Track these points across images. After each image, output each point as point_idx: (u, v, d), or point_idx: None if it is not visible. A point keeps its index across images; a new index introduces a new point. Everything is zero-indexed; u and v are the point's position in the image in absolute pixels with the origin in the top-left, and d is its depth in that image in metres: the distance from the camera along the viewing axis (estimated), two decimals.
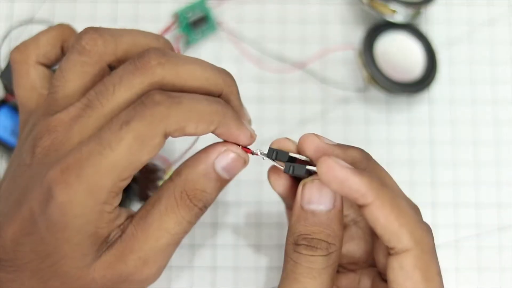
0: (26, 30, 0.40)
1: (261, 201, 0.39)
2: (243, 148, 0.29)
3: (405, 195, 0.29)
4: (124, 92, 0.27)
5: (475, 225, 0.39)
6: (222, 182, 0.29)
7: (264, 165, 0.31)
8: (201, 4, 0.41)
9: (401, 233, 0.26)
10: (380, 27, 0.40)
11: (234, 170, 0.29)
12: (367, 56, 0.39)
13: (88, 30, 0.28)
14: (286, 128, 0.40)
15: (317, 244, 0.27)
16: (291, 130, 0.40)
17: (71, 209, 0.26)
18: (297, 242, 0.27)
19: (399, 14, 0.39)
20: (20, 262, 0.27)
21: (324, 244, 0.27)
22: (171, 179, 0.29)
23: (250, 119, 0.31)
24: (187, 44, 0.41)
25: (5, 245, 0.27)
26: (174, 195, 0.28)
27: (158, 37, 0.30)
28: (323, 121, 0.40)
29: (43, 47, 0.31)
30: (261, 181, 0.39)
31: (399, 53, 0.40)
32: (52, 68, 0.32)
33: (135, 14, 0.42)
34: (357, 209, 0.31)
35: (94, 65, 0.28)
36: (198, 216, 0.29)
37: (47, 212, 0.26)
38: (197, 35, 0.41)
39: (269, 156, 0.29)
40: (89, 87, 0.28)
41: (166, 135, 0.26)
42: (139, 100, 0.26)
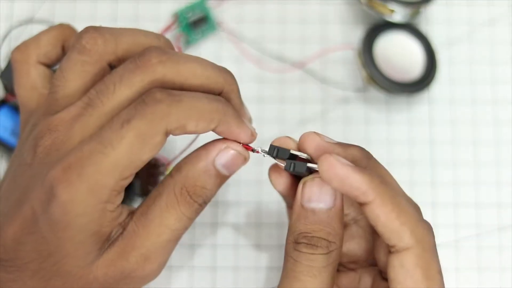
0: (26, 30, 0.40)
1: (261, 201, 0.39)
2: (243, 146, 0.29)
3: (405, 193, 0.29)
4: (124, 91, 0.27)
5: (475, 225, 0.39)
6: (222, 179, 0.29)
7: (264, 164, 0.31)
8: (201, 4, 0.41)
9: (402, 231, 0.26)
10: (380, 27, 0.40)
11: (234, 167, 0.29)
12: (366, 56, 0.39)
13: (88, 29, 0.28)
14: (286, 128, 0.40)
15: (317, 242, 0.27)
16: (291, 130, 0.40)
17: (73, 208, 0.26)
18: (297, 241, 0.27)
19: (397, 13, 0.39)
20: (21, 262, 0.27)
21: (324, 242, 0.27)
22: (171, 175, 0.29)
23: (250, 118, 0.31)
24: (187, 44, 0.41)
25: (6, 244, 0.27)
26: (174, 191, 0.28)
27: (159, 36, 0.30)
28: (323, 121, 0.40)
29: (44, 46, 0.31)
30: (261, 181, 0.39)
31: (399, 53, 0.40)
32: (53, 68, 0.32)
33: (135, 14, 0.42)
34: (357, 208, 0.31)
35: (95, 64, 0.28)
36: (198, 212, 0.29)
37: (49, 211, 0.26)
38: (197, 35, 0.41)
39: (270, 154, 0.29)
40: (90, 87, 0.28)
41: (167, 133, 0.26)
42: (140, 99, 0.26)
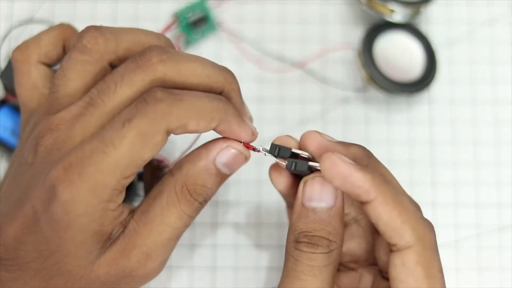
0: (26, 30, 0.40)
1: (261, 201, 0.39)
2: (244, 145, 0.29)
3: (406, 192, 0.29)
4: (125, 90, 0.27)
5: (475, 225, 0.39)
6: (223, 177, 0.29)
7: (265, 164, 0.31)
8: (201, 4, 0.41)
9: (404, 230, 0.26)
10: (380, 27, 0.40)
11: (235, 166, 0.29)
12: (366, 56, 0.39)
13: (89, 29, 0.28)
14: (286, 128, 0.40)
15: (318, 242, 0.27)
16: (291, 130, 0.40)
17: (75, 207, 0.26)
18: (298, 240, 0.27)
19: (397, 13, 0.39)
20: (22, 261, 0.27)
21: (325, 241, 0.27)
22: (171, 173, 0.29)
23: (251, 117, 0.31)
24: (187, 44, 0.41)
25: (7, 244, 0.27)
26: (175, 189, 0.28)
27: (159, 36, 0.30)
28: (323, 121, 0.40)
29: (45, 46, 0.31)
30: (261, 181, 0.39)
31: (399, 53, 0.40)
32: (54, 67, 0.32)
33: (135, 14, 0.42)
34: (358, 208, 0.31)
35: (96, 63, 0.28)
36: (199, 210, 0.29)
37: (50, 211, 0.26)
38: (197, 35, 0.41)
39: (271, 152, 0.29)
40: (91, 86, 0.28)
41: (168, 132, 0.26)
42: (141, 98, 0.26)
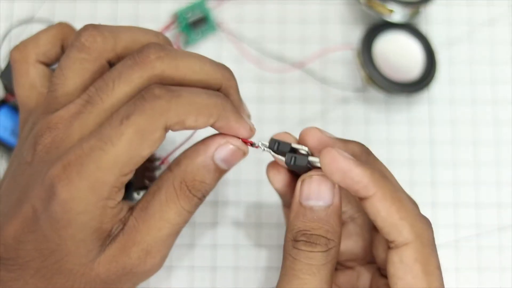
0: (26, 30, 0.40)
1: (261, 201, 0.39)
2: (243, 140, 0.29)
3: (404, 190, 0.29)
4: (124, 87, 0.27)
5: (475, 225, 0.39)
6: (221, 173, 0.29)
7: (264, 164, 0.31)
8: (201, 4, 0.41)
9: (402, 226, 0.26)
10: (379, 27, 0.40)
11: (233, 161, 0.29)
12: (365, 56, 0.39)
13: (87, 27, 0.28)
14: (286, 128, 0.40)
15: (316, 240, 0.27)
16: (291, 130, 0.39)
17: (74, 205, 0.26)
18: (296, 239, 0.27)
19: (396, 13, 0.39)
20: (23, 261, 0.27)
21: (323, 240, 0.27)
22: (170, 169, 0.29)
23: (249, 114, 0.31)
24: (186, 44, 0.41)
25: (7, 243, 0.27)
26: (173, 185, 0.28)
27: (157, 34, 0.30)
28: (323, 121, 0.40)
29: (43, 45, 0.31)
30: (261, 181, 0.39)
31: (398, 53, 0.40)
32: (52, 67, 0.32)
33: (135, 14, 0.42)
34: (354, 206, 0.31)
35: (94, 62, 0.28)
36: (197, 206, 0.29)
37: (50, 209, 0.26)
38: (197, 35, 0.41)
39: (270, 147, 0.29)
40: (89, 84, 0.28)
41: (167, 129, 0.26)
42: (139, 95, 0.26)
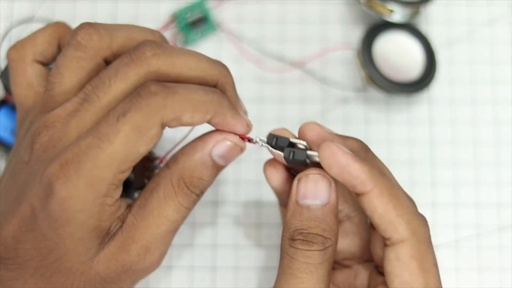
0: (26, 30, 0.40)
1: (261, 201, 0.39)
2: (240, 136, 0.29)
3: (401, 187, 0.29)
4: (120, 85, 0.27)
5: (475, 225, 0.39)
6: (219, 169, 0.29)
7: None
8: (201, 4, 0.41)
9: (398, 223, 0.26)
10: (379, 27, 0.40)
11: (230, 157, 0.29)
12: (366, 56, 0.39)
13: (83, 26, 0.28)
14: (286, 128, 0.40)
15: (313, 239, 0.27)
16: (291, 130, 0.40)
17: (72, 204, 0.26)
18: (293, 237, 0.27)
19: (396, 13, 0.39)
20: (22, 260, 0.27)
21: (320, 238, 0.27)
22: (167, 166, 0.29)
23: (246, 111, 0.31)
24: (185, 44, 0.41)
25: (6, 243, 0.27)
26: (171, 182, 0.28)
27: (154, 32, 0.30)
28: (323, 121, 0.40)
29: (40, 45, 0.31)
30: (261, 181, 0.39)
31: (398, 53, 0.40)
32: (49, 66, 0.32)
33: (135, 14, 0.42)
34: (350, 204, 0.31)
35: (90, 60, 0.28)
36: (195, 202, 0.29)
37: (48, 208, 0.26)
38: (196, 35, 0.41)
39: (269, 143, 0.29)
40: (86, 83, 0.28)
41: (163, 125, 0.26)
42: (135, 92, 0.26)
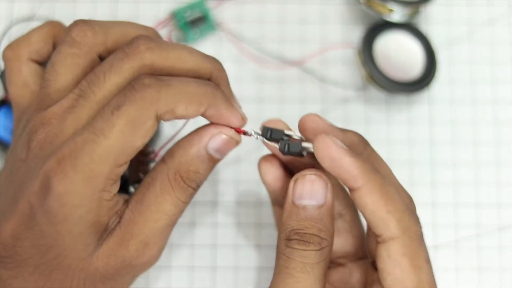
0: (26, 30, 0.40)
1: (261, 201, 0.39)
2: (235, 129, 0.29)
3: (399, 183, 0.29)
4: (114, 79, 0.27)
5: (475, 225, 0.39)
6: (214, 162, 0.29)
7: None
8: (200, 4, 0.41)
9: (389, 220, 0.26)
10: (380, 27, 0.40)
11: (226, 151, 0.29)
12: (366, 55, 0.39)
13: (77, 23, 0.29)
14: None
15: (309, 239, 0.27)
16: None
17: (70, 199, 0.26)
18: (289, 238, 0.27)
19: (396, 13, 0.39)
20: (21, 258, 0.27)
21: (316, 238, 0.27)
22: (163, 161, 0.29)
23: (240, 106, 0.31)
24: (184, 42, 0.41)
25: (5, 242, 0.27)
26: (168, 177, 0.28)
27: (147, 28, 0.30)
28: None
29: (35, 44, 0.32)
30: (261, 181, 0.39)
31: (399, 53, 0.40)
32: (45, 65, 0.32)
33: (135, 14, 0.41)
34: (342, 202, 0.31)
35: (85, 56, 0.28)
36: (192, 196, 0.29)
37: (46, 204, 0.26)
38: (195, 34, 0.41)
39: (263, 135, 0.29)
40: (81, 79, 0.28)
41: (158, 118, 0.27)
42: (129, 85, 0.26)
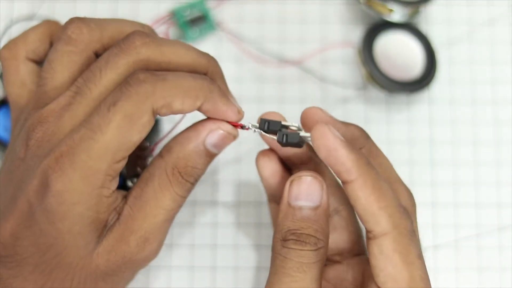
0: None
1: (261, 201, 0.39)
2: (232, 123, 0.29)
3: (399, 178, 0.29)
4: (110, 75, 0.27)
5: (475, 225, 0.39)
6: (212, 157, 0.29)
7: None
8: (200, 4, 0.41)
9: (380, 216, 0.26)
10: (380, 26, 0.40)
11: (224, 145, 0.29)
12: (366, 54, 0.39)
13: (73, 20, 0.29)
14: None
15: (306, 239, 0.27)
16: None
17: (69, 196, 0.26)
18: (285, 238, 0.27)
19: (396, 13, 0.39)
20: (20, 257, 0.27)
21: (313, 239, 0.27)
22: (161, 156, 0.29)
23: (236, 100, 0.31)
24: (183, 40, 0.40)
25: (5, 241, 0.27)
26: (166, 172, 0.28)
27: (143, 25, 0.30)
28: None
29: (32, 43, 0.32)
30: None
31: (399, 52, 0.40)
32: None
33: (135, 14, 0.42)
34: (338, 198, 0.31)
35: (81, 53, 0.28)
36: (190, 191, 0.29)
37: (45, 202, 0.26)
38: (195, 33, 0.41)
39: (261, 128, 0.29)
40: (77, 77, 0.28)
41: (154, 113, 0.27)
42: (125, 81, 0.26)
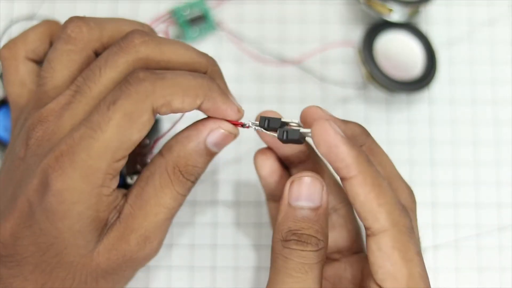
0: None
1: (261, 201, 0.39)
2: (232, 122, 0.29)
3: (399, 175, 0.29)
4: (110, 73, 0.27)
5: (475, 225, 0.39)
6: (212, 155, 0.29)
7: None
8: (200, 3, 0.41)
9: (379, 213, 0.26)
10: (380, 26, 0.40)
11: (224, 144, 0.29)
12: (366, 54, 0.39)
13: (73, 19, 0.29)
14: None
15: (307, 240, 0.27)
16: None
17: (69, 195, 0.26)
18: (286, 238, 0.27)
19: (396, 13, 0.39)
20: (20, 257, 0.27)
21: (314, 239, 0.27)
22: (161, 154, 0.29)
23: (235, 99, 0.31)
24: (182, 40, 0.41)
25: (5, 241, 0.27)
26: (167, 171, 0.28)
27: (143, 25, 0.30)
28: None
29: (32, 42, 0.32)
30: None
31: (399, 52, 0.40)
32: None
33: (135, 14, 0.42)
34: (336, 197, 0.31)
35: (81, 52, 0.28)
36: (191, 189, 0.29)
37: (45, 201, 0.26)
38: (195, 33, 0.41)
39: (261, 125, 0.29)
40: (77, 76, 0.28)
41: (154, 111, 0.27)
42: (124, 79, 0.26)
